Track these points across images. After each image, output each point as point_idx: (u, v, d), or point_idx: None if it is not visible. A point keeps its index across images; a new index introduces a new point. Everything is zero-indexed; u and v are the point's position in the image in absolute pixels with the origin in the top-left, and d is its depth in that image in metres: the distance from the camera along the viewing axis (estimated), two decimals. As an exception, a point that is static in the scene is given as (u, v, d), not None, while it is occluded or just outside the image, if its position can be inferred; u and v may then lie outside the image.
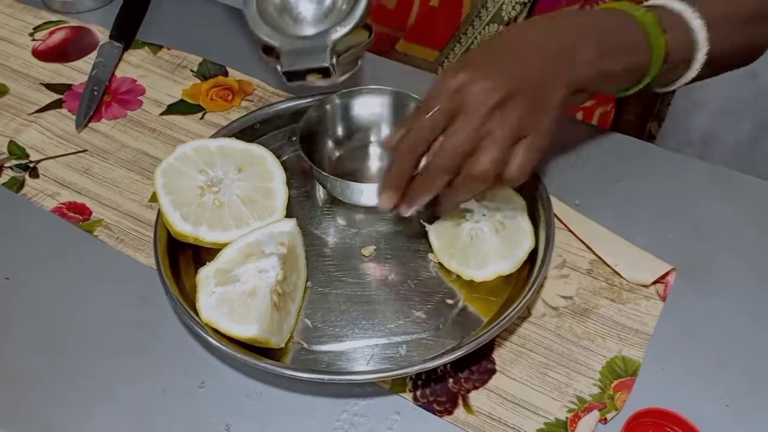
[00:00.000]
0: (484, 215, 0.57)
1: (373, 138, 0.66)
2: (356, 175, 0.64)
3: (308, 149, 0.60)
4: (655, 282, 0.57)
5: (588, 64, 0.53)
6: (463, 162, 0.50)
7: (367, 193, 0.58)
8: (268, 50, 0.56)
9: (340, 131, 0.65)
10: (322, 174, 0.59)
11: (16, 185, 0.65)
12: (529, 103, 0.50)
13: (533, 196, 0.60)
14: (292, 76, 0.54)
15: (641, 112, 0.84)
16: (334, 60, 0.54)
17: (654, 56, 0.56)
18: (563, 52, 0.52)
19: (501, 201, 0.58)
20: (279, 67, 0.54)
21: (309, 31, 0.57)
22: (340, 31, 0.54)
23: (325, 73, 0.54)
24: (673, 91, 0.82)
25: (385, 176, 0.53)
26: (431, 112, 0.50)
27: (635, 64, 0.56)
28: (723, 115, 1.51)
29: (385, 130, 0.65)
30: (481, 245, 0.56)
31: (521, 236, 0.57)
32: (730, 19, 0.60)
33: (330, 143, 0.65)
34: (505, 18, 0.72)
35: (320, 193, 0.64)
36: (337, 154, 0.65)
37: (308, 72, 0.54)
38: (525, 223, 0.57)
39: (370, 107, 0.65)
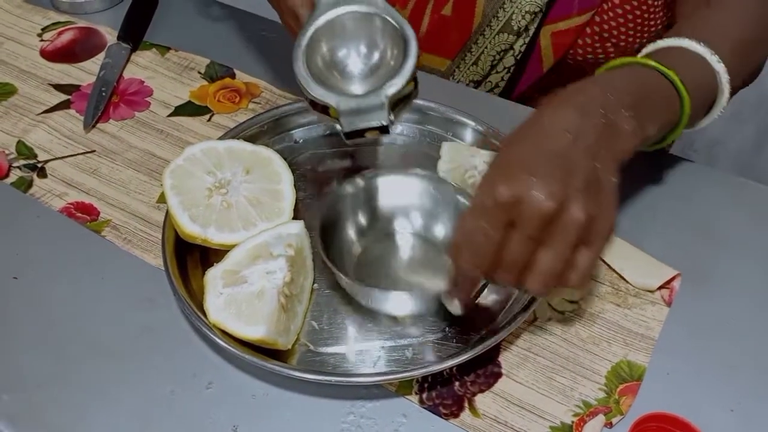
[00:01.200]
0: None
1: (400, 226, 0.60)
2: (382, 273, 0.58)
3: (327, 242, 0.56)
4: (660, 287, 0.58)
5: (633, 135, 0.49)
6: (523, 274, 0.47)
7: (394, 302, 0.55)
8: (315, 104, 0.53)
9: (363, 219, 0.60)
10: (344, 279, 0.54)
11: (24, 185, 0.65)
12: (590, 200, 0.45)
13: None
14: (350, 135, 0.52)
15: None
16: (392, 116, 0.52)
17: (684, 110, 0.54)
18: (607, 130, 0.48)
19: None
20: (338, 126, 0.52)
21: (358, 86, 0.55)
22: (395, 86, 0.51)
23: (383, 130, 0.52)
24: None
25: (450, 289, 0.51)
26: (485, 228, 0.45)
27: (669, 121, 0.55)
28: (727, 120, 1.51)
29: (416, 218, 0.60)
30: None
31: None
32: (738, 51, 0.58)
33: (352, 233, 0.59)
34: (515, 27, 0.73)
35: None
36: (359, 248, 0.59)
37: (366, 130, 0.52)
38: None
39: (398, 191, 0.59)
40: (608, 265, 0.59)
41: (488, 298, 0.56)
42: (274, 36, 0.80)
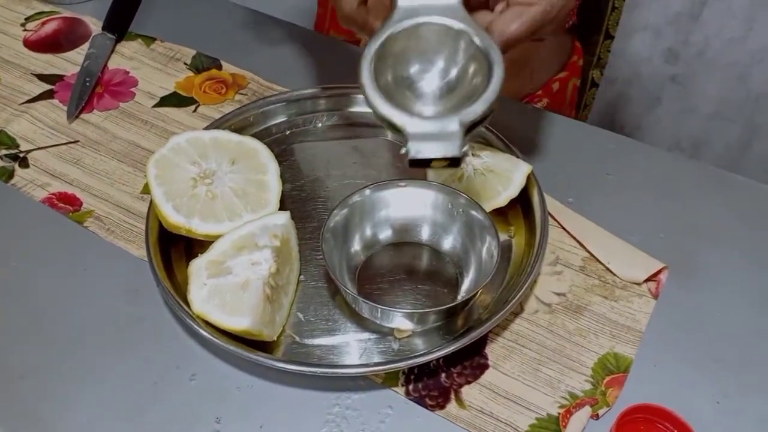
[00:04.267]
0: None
1: (408, 238, 0.59)
2: (387, 286, 0.57)
3: (331, 252, 0.55)
4: (647, 280, 0.58)
5: None
6: None
7: (398, 320, 0.53)
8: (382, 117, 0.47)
9: (368, 231, 0.58)
10: (349, 293, 0.53)
11: (6, 175, 0.64)
12: None
13: (527, 193, 0.60)
14: (415, 162, 0.45)
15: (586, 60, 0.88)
16: (467, 147, 0.45)
17: None
18: None
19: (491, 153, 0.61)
20: (403, 150, 0.45)
21: (430, 107, 0.48)
22: (473, 114, 0.45)
23: (454, 161, 0.45)
24: (612, 37, 0.88)
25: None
26: None
27: None
28: (714, 119, 1.52)
29: (426, 230, 0.58)
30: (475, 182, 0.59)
31: (513, 167, 0.60)
32: None
33: (357, 244, 0.58)
34: None
35: (314, 186, 0.64)
36: (363, 257, 0.58)
37: (434, 159, 0.45)
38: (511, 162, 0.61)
39: (408, 204, 0.57)
40: (595, 257, 0.59)
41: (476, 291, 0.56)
42: (261, 27, 0.79)
